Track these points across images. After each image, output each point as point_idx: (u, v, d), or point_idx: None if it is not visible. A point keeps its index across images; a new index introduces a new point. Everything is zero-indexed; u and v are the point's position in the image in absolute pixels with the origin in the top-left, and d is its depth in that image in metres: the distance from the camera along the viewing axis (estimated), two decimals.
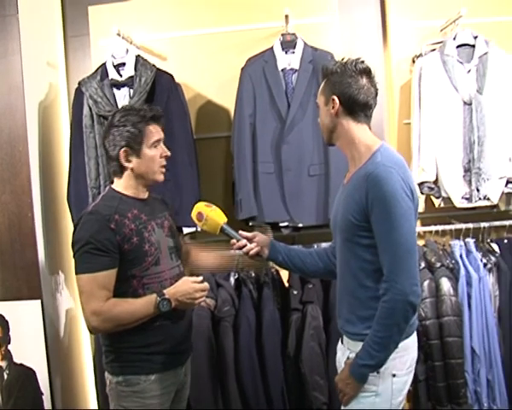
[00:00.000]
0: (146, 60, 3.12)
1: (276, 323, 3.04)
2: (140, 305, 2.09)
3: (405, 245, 1.86)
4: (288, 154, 3.09)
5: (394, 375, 1.98)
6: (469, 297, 3.13)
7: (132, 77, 3.04)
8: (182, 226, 3.08)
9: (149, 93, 3.01)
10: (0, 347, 3.09)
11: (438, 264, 3.13)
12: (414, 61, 3.35)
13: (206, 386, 2.96)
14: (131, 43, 3.24)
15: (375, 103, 2.06)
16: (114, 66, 3.10)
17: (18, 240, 3.07)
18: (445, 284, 3.06)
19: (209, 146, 3.45)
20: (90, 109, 3.03)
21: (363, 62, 2.02)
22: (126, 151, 2.15)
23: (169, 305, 2.09)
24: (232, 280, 3.18)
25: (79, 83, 3.11)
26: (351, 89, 1.98)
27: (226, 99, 3.41)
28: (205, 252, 2.58)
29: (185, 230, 3.15)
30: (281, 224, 3.15)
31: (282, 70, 3.15)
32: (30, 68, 3.10)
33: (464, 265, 3.18)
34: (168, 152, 2.25)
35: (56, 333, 3.28)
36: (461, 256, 3.22)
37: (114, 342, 2.17)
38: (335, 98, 2.00)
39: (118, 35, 3.12)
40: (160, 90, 3.05)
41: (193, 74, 3.45)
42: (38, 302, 3.06)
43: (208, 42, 3.43)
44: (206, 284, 2.20)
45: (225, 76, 3.37)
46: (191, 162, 3.10)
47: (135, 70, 3.06)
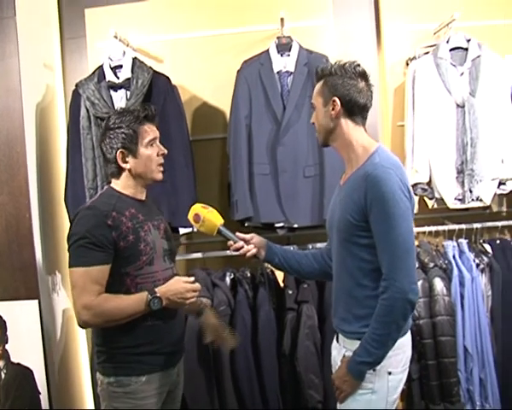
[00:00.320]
0: (143, 62, 3.13)
1: (272, 322, 3.06)
2: (131, 301, 2.09)
3: (404, 245, 1.89)
4: (284, 155, 3.10)
5: (390, 373, 2.00)
6: (462, 297, 3.15)
7: (129, 79, 3.06)
8: (178, 227, 3.11)
9: (146, 95, 3.02)
10: None
11: (431, 264, 3.15)
12: (408, 64, 3.38)
13: (202, 385, 2.98)
14: (128, 45, 3.25)
15: (371, 106, 2.09)
16: (111, 68, 3.11)
17: (15, 241, 3.07)
18: (439, 284, 3.08)
19: (205, 147, 3.46)
20: (88, 111, 3.04)
21: (359, 66, 2.05)
22: (123, 152, 2.17)
23: (160, 303, 2.09)
24: (228, 280, 3.19)
25: (76, 85, 3.12)
26: (352, 91, 2.00)
27: (222, 101, 3.43)
28: None
29: (182, 230, 3.17)
30: (276, 224, 3.16)
31: (278, 72, 3.17)
32: (27, 70, 3.10)
33: (457, 265, 3.20)
34: (165, 150, 2.26)
35: (53, 333, 3.28)
36: (454, 257, 3.24)
37: (106, 342, 2.17)
38: (336, 100, 2.01)
39: (115, 37, 3.13)
40: (157, 92, 3.06)
41: (189, 76, 3.47)
42: (36, 302, 3.05)
43: (204, 44, 3.45)
44: (197, 285, 2.20)
45: (221, 78, 3.38)
46: (187, 164, 3.12)
47: (132, 72, 3.07)
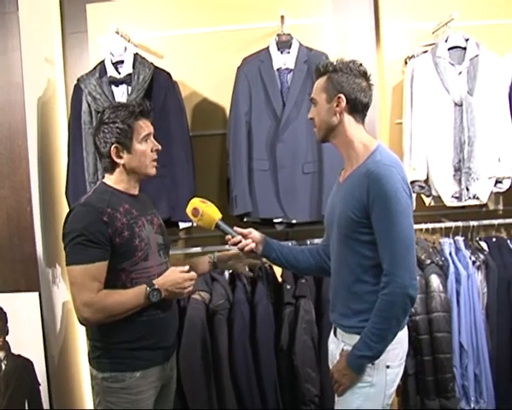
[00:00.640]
0: (144, 58, 3.15)
1: (270, 317, 3.07)
2: (130, 296, 2.10)
3: (405, 241, 1.92)
4: (283, 151, 3.12)
5: (388, 366, 2.04)
6: (458, 294, 3.17)
7: (130, 74, 3.06)
8: (178, 221, 3.13)
9: (147, 90, 3.03)
10: None
11: (428, 261, 3.17)
12: (406, 63, 3.40)
13: (200, 378, 2.98)
14: (129, 41, 3.26)
15: (371, 104, 2.11)
16: (113, 63, 3.12)
17: (16, 233, 3.08)
18: (435, 281, 3.10)
19: (205, 143, 3.47)
20: (89, 106, 3.05)
21: (362, 65, 2.07)
22: (117, 147, 2.17)
23: (159, 295, 2.11)
24: (227, 274, 3.21)
25: (78, 79, 3.13)
26: (357, 89, 2.03)
27: (222, 97, 3.45)
28: None
29: (181, 225, 3.19)
30: (275, 220, 3.18)
31: (278, 70, 3.18)
32: (29, 64, 3.11)
33: (453, 262, 3.22)
34: (159, 146, 2.26)
35: (54, 325, 3.30)
36: (450, 254, 3.26)
37: (101, 337, 2.18)
38: (342, 96, 2.03)
39: (116, 33, 3.14)
40: (158, 87, 3.07)
41: (189, 73, 3.48)
42: (36, 295, 3.07)
43: (205, 41, 3.46)
44: (193, 273, 2.22)
45: (221, 75, 3.40)
46: (187, 159, 3.13)
47: (133, 68, 3.07)
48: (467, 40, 3.21)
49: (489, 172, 3.17)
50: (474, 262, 3.25)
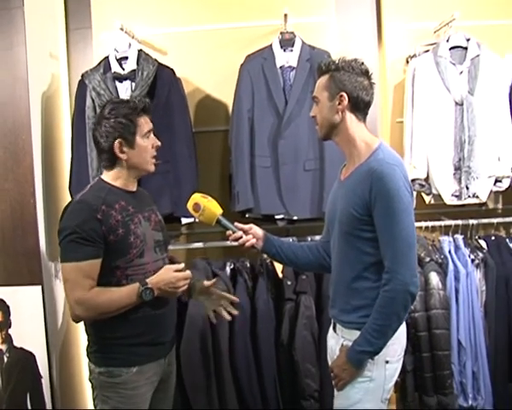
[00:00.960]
0: (148, 54, 3.16)
1: (270, 312, 3.09)
2: (123, 294, 2.09)
3: (406, 239, 1.94)
4: (285, 148, 3.13)
5: (387, 361, 2.06)
6: (457, 292, 3.18)
7: (134, 70, 3.08)
8: (180, 217, 3.15)
9: (151, 87, 3.04)
10: (1, 331, 3.13)
11: (427, 259, 3.18)
12: (408, 62, 3.42)
13: (200, 373, 3.00)
14: (133, 37, 3.27)
15: (372, 103, 2.13)
16: (117, 59, 3.14)
17: (20, 227, 3.09)
18: (434, 279, 3.11)
19: (207, 139, 3.48)
20: (93, 101, 3.06)
21: (363, 64, 2.08)
22: (120, 142, 2.15)
23: (151, 294, 2.09)
24: (228, 270, 3.22)
25: (82, 75, 3.14)
26: (359, 87, 2.04)
27: (225, 94, 3.46)
28: None
29: (184, 220, 3.22)
30: (276, 216, 3.20)
31: (281, 67, 3.20)
32: (34, 59, 3.12)
33: (453, 260, 3.24)
34: (159, 142, 2.25)
35: (56, 318, 3.31)
36: (449, 252, 3.28)
37: (97, 333, 2.18)
38: (344, 94, 2.04)
39: (121, 29, 3.15)
40: (161, 84, 3.08)
41: (193, 69, 3.49)
42: (39, 288, 3.09)
43: (208, 38, 3.47)
44: (188, 272, 2.20)
45: (224, 72, 3.41)
46: (190, 154, 3.14)
47: (137, 64, 3.09)
48: (468, 40, 3.22)
49: (489, 171, 3.19)
50: (473, 260, 3.27)
